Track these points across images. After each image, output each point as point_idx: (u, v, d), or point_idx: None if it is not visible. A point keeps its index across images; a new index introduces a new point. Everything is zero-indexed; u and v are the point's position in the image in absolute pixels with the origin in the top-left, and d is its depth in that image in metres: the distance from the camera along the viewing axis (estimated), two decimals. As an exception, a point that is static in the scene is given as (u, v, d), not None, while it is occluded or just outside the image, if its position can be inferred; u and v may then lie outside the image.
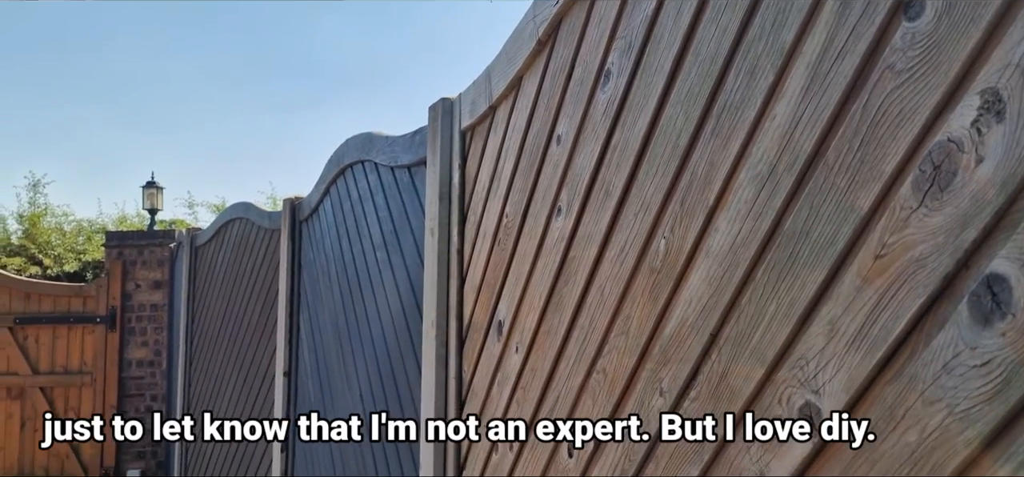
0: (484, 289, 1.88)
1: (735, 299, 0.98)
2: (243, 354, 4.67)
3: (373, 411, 2.73)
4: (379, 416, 2.66)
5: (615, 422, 1.26)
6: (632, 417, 1.21)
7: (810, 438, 0.85)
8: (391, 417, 2.55)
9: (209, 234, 5.52)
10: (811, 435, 0.85)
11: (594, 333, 1.35)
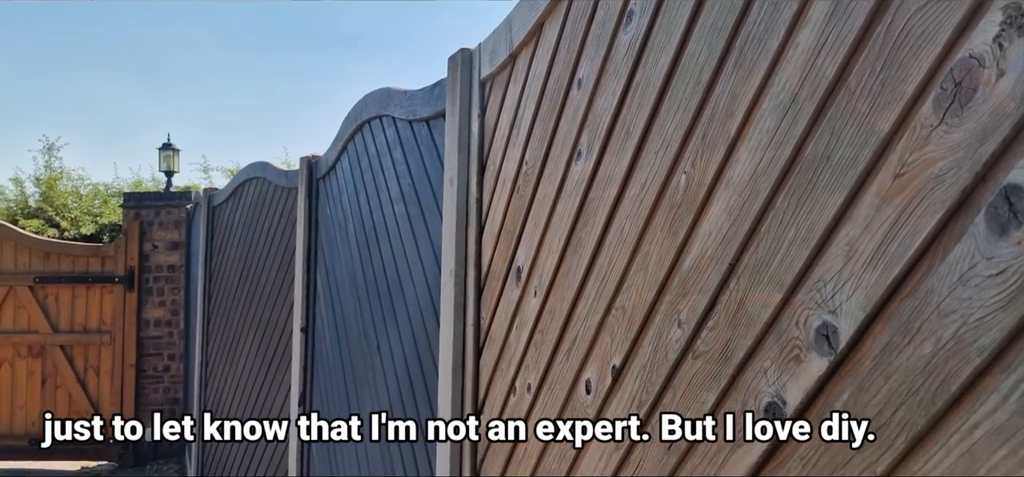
0: (503, 237, 1.91)
1: (754, 228, 1.00)
2: (260, 311, 4.74)
3: (392, 364, 2.78)
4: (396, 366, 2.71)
5: (633, 355, 1.29)
6: (650, 349, 1.24)
7: (826, 357, 0.88)
8: (410, 369, 2.60)
9: (226, 194, 5.57)
10: (828, 354, 0.88)
11: (613, 272, 1.37)
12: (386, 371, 2.82)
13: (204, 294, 5.92)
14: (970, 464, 0.71)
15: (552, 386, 1.60)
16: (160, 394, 7.81)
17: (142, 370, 7.78)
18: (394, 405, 2.71)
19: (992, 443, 0.69)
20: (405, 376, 2.62)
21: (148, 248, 7.84)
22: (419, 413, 2.47)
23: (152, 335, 7.80)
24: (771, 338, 0.97)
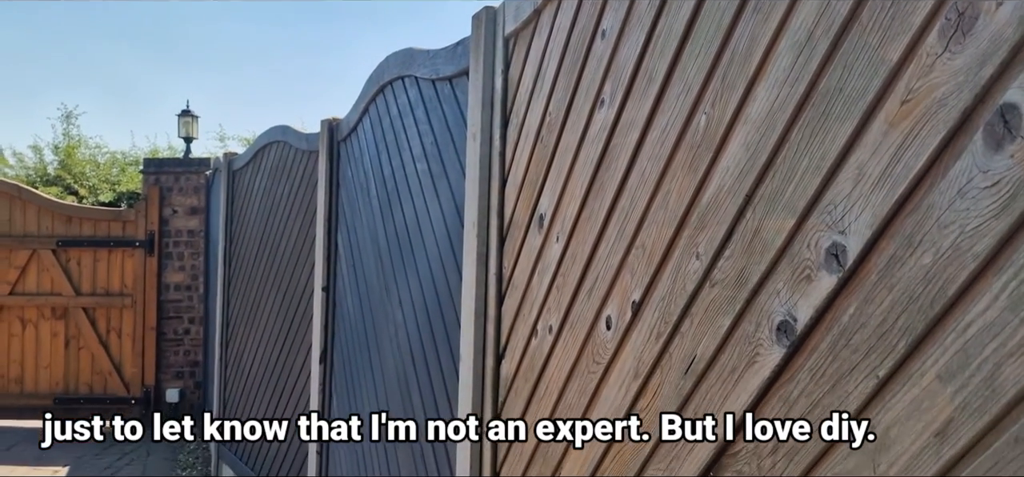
0: (525, 187, 1.98)
1: (770, 160, 1.07)
2: (281, 273, 4.85)
3: (413, 316, 2.87)
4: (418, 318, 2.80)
5: (652, 289, 1.36)
6: (669, 282, 1.31)
7: (835, 274, 0.95)
8: (432, 321, 2.69)
9: (246, 158, 5.67)
10: (836, 271, 0.95)
11: (634, 212, 1.45)
12: (408, 324, 2.91)
13: (225, 257, 6.03)
14: (964, 359, 0.79)
15: (573, 325, 1.69)
16: (180, 357, 7.97)
17: (163, 333, 7.94)
18: (416, 355, 2.81)
19: (983, 338, 0.77)
20: (427, 327, 2.71)
21: (168, 213, 7.96)
22: (441, 361, 2.57)
23: (172, 299, 7.95)
24: (784, 262, 1.04)
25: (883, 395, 0.89)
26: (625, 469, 1.43)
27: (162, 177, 8.07)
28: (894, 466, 0.87)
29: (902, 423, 0.86)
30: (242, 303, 5.60)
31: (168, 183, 8.07)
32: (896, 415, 0.87)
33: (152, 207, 7.98)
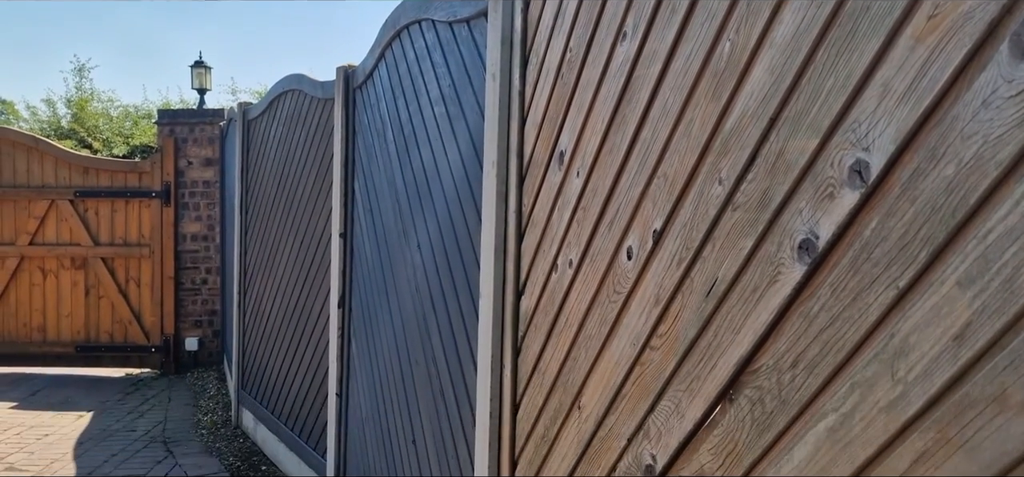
0: (545, 125, 2.00)
1: (795, 82, 1.09)
2: (298, 221, 4.90)
3: (432, 258, 2.91)
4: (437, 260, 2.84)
5: (674, 217, 1.39)
6: (691, 209, 1.34)
7: (858, 190, 0.98)
8: (450, 262, 2.73)
9: (261, 107, 5.69)
10: (859, 188, 0.98)
11: (656, 143, 1.47)
12: (426, 266, 2.96)
13: (241, 207, 6.09)
14: (983, 265, 0.82)
15: (593, 258, 1.72)
16: (198, 306, 8.10)
17: (180, 283, 8.05)
18: (434, 297, 2.86)
19: (1004, 243, 0.79)
20: (445, 268, 2.76)
21: (183, 164, 8.02)
22: (460, 302, 2.61)
23: (189, 249, 8.05)
24: (807, 181, 1.07)
25: (903, 305, 0.92)
26: (645, 392, 1.48)
27: (177, 128, 8.10)
28: (912, 371, 0.90)
29: (921, 330, 0.89)
30: (259, 251, 5.68)
31: (183, 134, 8.10)
32: (915, 323, 0.90)
33: (167, 158, 8.03)
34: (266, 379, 5.48)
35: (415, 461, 3.03)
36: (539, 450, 1.98)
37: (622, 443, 1.58)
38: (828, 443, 1.03)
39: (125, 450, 5.59)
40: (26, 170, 7.89)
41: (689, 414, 1.34)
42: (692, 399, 1.34)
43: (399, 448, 3.24)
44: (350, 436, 4.04)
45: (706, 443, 1.31)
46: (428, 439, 2.89)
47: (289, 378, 5.04)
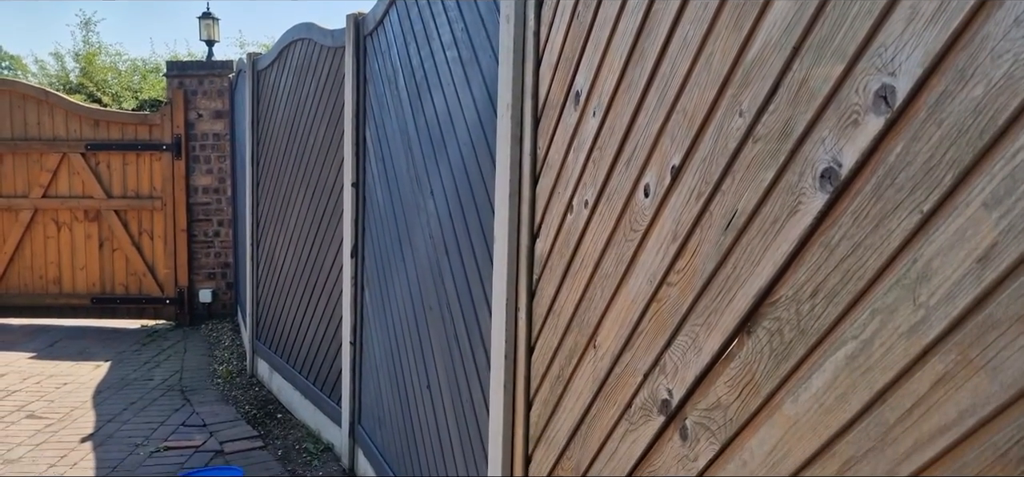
0: (561, 65, 1.99)
1: (819, 9, 1.07)
2: (310, 171, 4.90)
3: (445, 204, 2.92)
4: (450, 207, 2.85)
5: (693, 152, 1.39)
6: (710, 143, 1.33)
7: (883, 115, 0.97)
8: (464, 208, 2.74)
9: (271, 57, 5.66)
10: (884, 113, 0.97)
11: (675, 78, 1.46)
12: (439, 213, 2.97)
13: (252, 158, 6.10)
14: (1011, 185, 0.81)
15: (610, 197, 1.72)
16: (211, 258, 8.16)
17: (193, 235, 8.11)
18: (448, 243, 2.87)
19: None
20: (459, 214, 2.76)
21: (193, 117, 8.02)
22: (474, 247, 2.62)
23: (201, 202, 8.08)
24: (830, 109, 1.06)
25: (926, 229, 0.91)
26: (662, 328, 1.49)
27: (186, 80, 8.08)
28: (934, 295, 0.90)
29: (944, 254, 0.89)
30: (271, 203, 5.69)
31: (192, 86, 8.08)
32: (938, 247, 0.90)
33: (177, 111, 8.02)
34: (280, 329, 5.54)
35: (429, 405, 3.07)
36: (554, 389, 2.01)
37: (638, 379, 1.59)
38: (847, 370, 1.04)
39: (143, 398, 5.69)
40: (37, 123, 7.91)
41: (706, 347, 1.35)
42: (709, 333, 1.35)
43: (414, 393, 3.28)
44: (364, 383, 4.10)
45: (723, 376, 1.32)
46: (442, 383, 2.93)
47: (303, 328, 5.10)
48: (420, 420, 3.20)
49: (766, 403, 1.21)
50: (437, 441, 3.00)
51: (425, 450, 3.14)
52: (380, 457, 3.78)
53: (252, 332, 6.21)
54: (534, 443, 2.14)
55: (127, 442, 4.78)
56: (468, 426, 2.67)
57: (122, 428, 5.04)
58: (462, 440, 2.73)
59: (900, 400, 0.95)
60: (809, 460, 1.11)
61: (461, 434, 2.74)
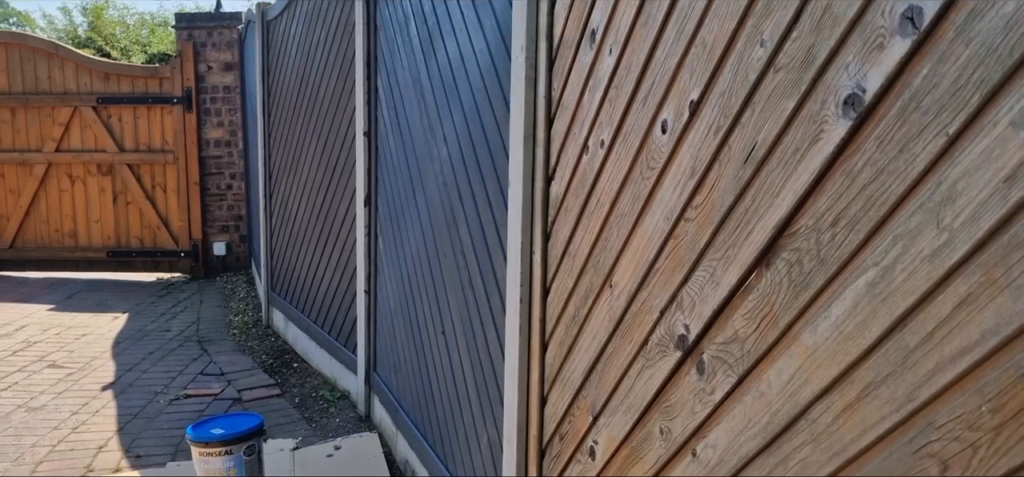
0: (576, 3, 1.96)
1: (845, -69, 1.05)
2: (321, 121, 4.89)
3: (458, 150, 2.91)
4: (463, 153, 2.84)
5: (712, 86, 1.37)
6: (730, 75, 1.32)
7: (909, 37, 0.95)
8: (478, 153, 2.73)
9: (280, 7, 5.61)
10: (911, 35, 0.95)
11: (694, 10, 1.43)
12: (453, 159, 2.96)
13: (263, 110, 6.09)
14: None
15: (626, 136, 1.71)
16: (224, 211, 8.20)
17: (206, 188, 8.14)
18: (462, 190, 2.87)
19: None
20: (473, 160, 2.76)
21: (203, 69, 7.99)
22: (488, 193, 2.62)
23: (213, 155, 8.10)
24: (854, 34, 1.04)
25: (952, 152, 0.91)
26: (679, 264, 1.49)
27: (195, 32, 8.04)
28: (958, 217, 0.90)
29: (970, 175, 0.88)
30: (283, 155, 5.70)
31: (201, 38, 8.04)
32: (964, 169, 0.89)
33: (187, 63, 8.00)
34: (295, 280, 5.59)
35: (445, 350, 3.11)
36: (569, 330, 2.02)
37: (654, 316, 1.60)
38: (867, 297, 1.04)
39: (161, 349, 5.78)
40: (48, 77, 7.91)
41: (724, 282, 1.35)
42: (727, 267, 1.35)
43: (429, 340, 3.32)
44: (379, 331, 4.14)
45: (740, 309, 1.32)
46: (457, 329, 2.95)
47: (317, 278, 5.14)
48: (435, 366, 3.24)
49: (784, 334, 1.21)
50: (453, 386, 3.03)
51: (441, 395, 3.19)
52: (396, 403, 3.84)
53: (267, 283, 6.27)
54: (549, 384, 2.17)
55: (147, 390, 4.87)
56: (483, 370, 2.70)
57: (142, 377, 5.13)
58: (478, 384, 2.76)
59: (921, 324, 0.95)
60: (827, 388, 1.12)
61: (476, 378, 2.77)
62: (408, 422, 3.63)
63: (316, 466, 3.74)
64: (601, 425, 1.86)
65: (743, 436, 1.32)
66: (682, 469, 1.51)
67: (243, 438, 3.36)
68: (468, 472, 2.89)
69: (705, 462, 1.44)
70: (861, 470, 1.06)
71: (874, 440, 1.03)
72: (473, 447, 2.82)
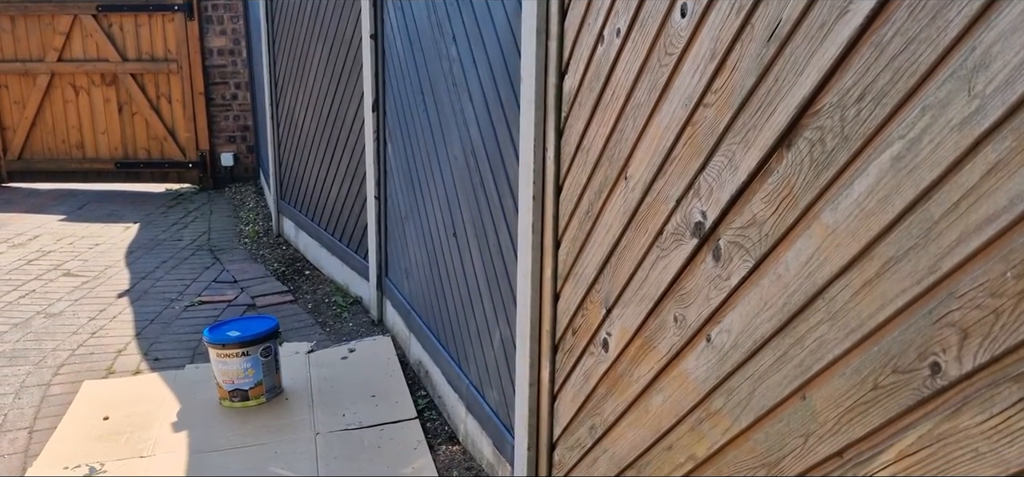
0: None
1: None
2: (326, 25, 4.80)
3: (468, 48, 2.86)
4: (474, 50, 2.79)
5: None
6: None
7: None
8: (488, 51, 2.68)
9: (281, -94, 5.43)
10: None
11: None
12: (462, 58, 2.91)
13: (267, 15, 5.97)
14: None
15: (643, 23, 1.67)
16: (230, 122, 8.15)
17: (211, 98, 8.07)
18: (472, 89, 2.83)
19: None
20: (483, 57, 2.71)
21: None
22: (499, 90, 2.59)
23: (217, 64, 7.99)
24: None
25: (987, 15, 0.88)
26: (697, 151, 1.48)
27: (194, -64, 7.81)
28: (992, 83, 0.88)
29: (1006, 38, 0.86)
30: (288, 62, 5.62)
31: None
32: (1000, 31, 0.86)
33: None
34: (304, 188, 5.59)
35: (456, 252, 3.13)
36: (583, 225, 2.02)
37: (670, 206, 1.60)
38: (891, 171, 1.02)
39: (174, 257, 5.84)
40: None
41: (743, 165, 1.34)
42: (747, 150, 1.33)
43: (440, 242, 3.33)
44: (390, 236, 4.16)
45: (759, 192, 1.31)
46: (469, 230, 2.96)
47: (327, 185, 5.14)
48: (447, 268, 3.27)
49: (804, 215, 1.21)
50: (465, 287, 3.06)
51: (453, 296, 3.22)
52: (408, 306, 3.89)
53: (276, 193, 6.28)
54: (562, 280, 2.18)
55: (162, 297, 4.95)
56: (495, 269, 2.72)
57: (156, 285, 5.20)
58: (490, 283, 2.78)
59: (947, 195, 0.94)
60: (847, 266, 1.12)
61: (488, 277, 2.79)
62: (421, 324, 3.68)
63: (331, 368, 3.82)
64: (614, 317, 1.88)
65: (759, 319, 1.33)
66: (696, 355, 1.53)
67: (259, 340, 3.42)
68: (481, 369, 2.94)
69: (719, 347, 1.46)
70: (878, 344, 1.07)
71: (892, 314, 1.04)
72: (486, 345, 2.87)
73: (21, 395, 3.61)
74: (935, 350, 0.97)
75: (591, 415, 2.05)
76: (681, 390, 1.60)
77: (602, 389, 1.98)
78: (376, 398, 3.49)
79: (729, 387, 1.43)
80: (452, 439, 3.22)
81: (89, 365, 3.93)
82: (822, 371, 1.19)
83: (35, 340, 4.24)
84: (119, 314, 4.64)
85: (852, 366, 1.12)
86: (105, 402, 3.48)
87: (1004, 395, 0.88)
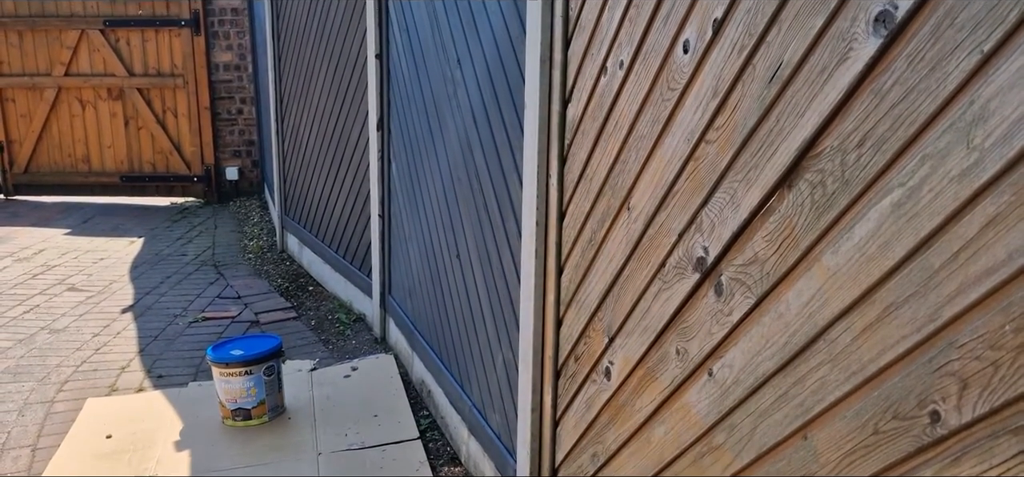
0: (595, -82, 1.90)
1: None
2: (332, 45, 4.83)
3: (473, 72, 2.87)
4: (478, 74, 2.81)
5: (737, 2, 1.34)
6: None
7: (947, -49, 0.92)
8: (492, 76, 2.70)
9: (287, -75, 5.47)
10: (948, -52, 0.92)
11: (719, -76, 1.39)
12: (467, 83, 2.93)
13: (273, 33, 6.01)
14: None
15: (646, 56, 1.68)
16: (235, 136, 8.19)
17: (216, 113, 8.11)
18: (477, 114, 2.85)
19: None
20: (487, 82, 2.73)
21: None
22: (503, 116, 2.60)
23: (223, 79, 8.04)
24: (889, -53, 1.01)
25: (986, 70, 0.89)
26: (699, 186, 1.49)
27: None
28: (990, 137, 0.89)
29: (1004, 93, 0.87)
30: (294, 79, 5.65)
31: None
32: (998, 87, 0.87)
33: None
34: (309, 205, 5.61)
35: (459, 273, 3.13)
36: (586, 253, 2.03)
37: (672, 239, 1.61)
38: (892, 217, 1.03)
39: (178, 272, 5.86)
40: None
41: (745, 203, 1.35)
42: (748, 188, 1.34)
43: (444, 263, 3.34)
44: (394, 255, 4.17)
45: (761, 231, 1.32)
46: (472, 252, 2.97)
47: (331, 202, 5.16)
48: (451, 289, 3.27)
49: (805, 256, 1.21)
50: (468, 309, 3.07)
51: (456, 318, 3.23)
52: (411, 326, 3.90)
53: (281, 208, 6.30)
54: (565, 306, 2.19)
55: (166, 313, 4.96)
56: (499, 293, 2.72)
57: (160, 300, 5.22)
58: (493, 306, 2.79)
59: (947, 244, 0.95)
60: (847, 308, 1.12)
61: (492, 301, 2.80)
62: (424, 344, 3.69)
63: (334, 386, 3.83)
64: (617, 346, 1.88)
65: (760, 356, 1.34)
66: (698, 388, 1.54)
67: (262, 359, 3.43)
68: (484, 391, 2.95)
69: (721, 381, 1.46)
70: (878, 388, 1.08)
71: (893, 359, 1.04)
72: (488, 368, 2.88)
73: (25, 412, 3.62)
74: (935, 398, 0.97)
75: (593, 443, 2.05)
76: (683, 422, 1.61)
77: (604, 417, 1.98)
78: (379, 417, 3.49)
79: (731, 422, 1.44)
80: (454, 460, 3.22)
81: (92, 382, 3.94)
82: (824, 412, 1.19)
83: (39, 356, 4.25)
84: (123, 330, 4.66)
85: (853, 409, 1.13)
86: (108, 420, 3.49)
87: (1004, 447, 0.88)
